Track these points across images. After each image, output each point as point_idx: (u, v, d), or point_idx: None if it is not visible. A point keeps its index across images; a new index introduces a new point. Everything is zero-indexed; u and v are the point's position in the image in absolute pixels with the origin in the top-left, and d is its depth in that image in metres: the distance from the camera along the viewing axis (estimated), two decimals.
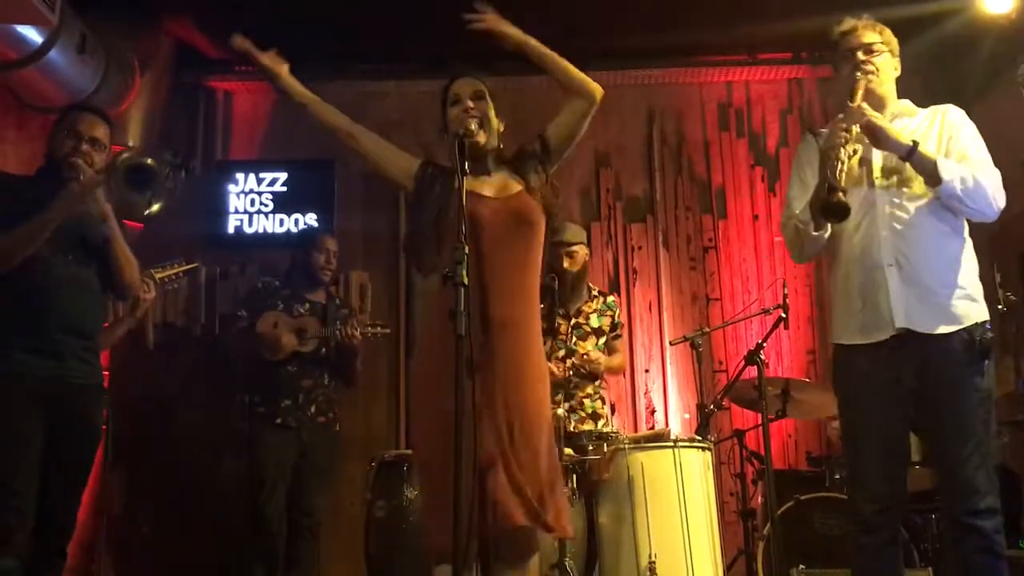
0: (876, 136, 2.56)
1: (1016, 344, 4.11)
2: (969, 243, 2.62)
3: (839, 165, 2.47)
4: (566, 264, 4.15)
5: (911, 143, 2.52)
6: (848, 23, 2.76)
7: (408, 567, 3.64)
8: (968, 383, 2.46)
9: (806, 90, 5.91)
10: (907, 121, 2.69)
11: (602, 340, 4.24)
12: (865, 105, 2.58)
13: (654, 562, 3.49)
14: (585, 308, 4.27)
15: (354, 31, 5.28)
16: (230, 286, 5.48)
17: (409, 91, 5.73)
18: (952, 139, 2.63)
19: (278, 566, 3.94)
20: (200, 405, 5.13)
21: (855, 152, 2.56)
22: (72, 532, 2.92)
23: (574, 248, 4.22)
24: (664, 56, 5.72)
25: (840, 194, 2.43)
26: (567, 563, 3.54)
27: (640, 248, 5.72)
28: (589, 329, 4.22)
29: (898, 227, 2.57)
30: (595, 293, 4.35)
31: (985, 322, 2.52)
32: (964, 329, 2.49)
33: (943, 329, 2.49)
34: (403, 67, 5.75)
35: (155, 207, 2.97)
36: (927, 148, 2.55)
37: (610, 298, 4.42)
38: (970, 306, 2.53)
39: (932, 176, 2.50)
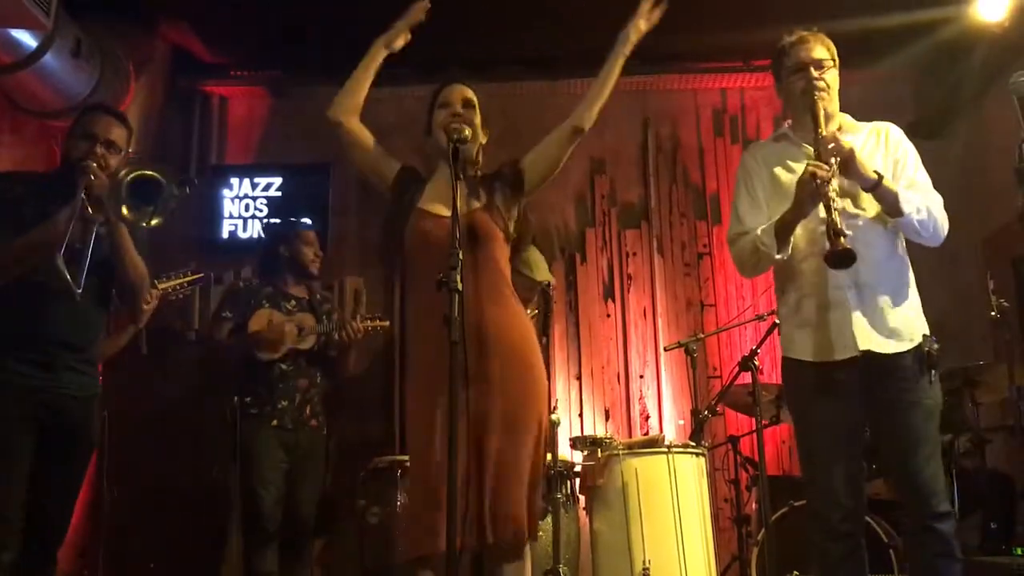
0: (848, 168, 2.56)
1: (1008, 351, 4.12)
2: (907, 259, 2.69)
3: (832, 204, 2.47)
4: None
5: (876, 176, 2.54)
6: (798, 34, 2.77)
7: (402, 574, 3.62)
8: (921, 395, 2.53)
9: None
10: (851, 138, 2.68)
11: None
12: (837, 134, 2.60)
13: (648, 568, 3.50)
14: None
15: (349, 37, 5.27)
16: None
17: (404, 96, 5.73)
18: (899, 163, 2.66)
19: (275, 571, 3.90)
20: (194, 410, 5.11)
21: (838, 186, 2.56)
22: (62, 539, 2.89)
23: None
24: (659, 62, 5.73)
25: (843, 239, 2.45)
26: (561, 569, 3.54)
27: (635, 254, 5.73)
28: None
29: (857, 247, 2.56)
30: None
31: (931, 336, 2.59)
32: (915, 345, 2.56)
33: (897, 348, 2.55)
34: (398, 72, 5.73)
35: (155, 221, 2.90)
36: (885, 176, 2.57)
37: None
38: (918, 321, 2.61)
39: (893, 208, 2.55)
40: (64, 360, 2.85)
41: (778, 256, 2.61)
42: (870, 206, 2.61)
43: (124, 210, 2.85)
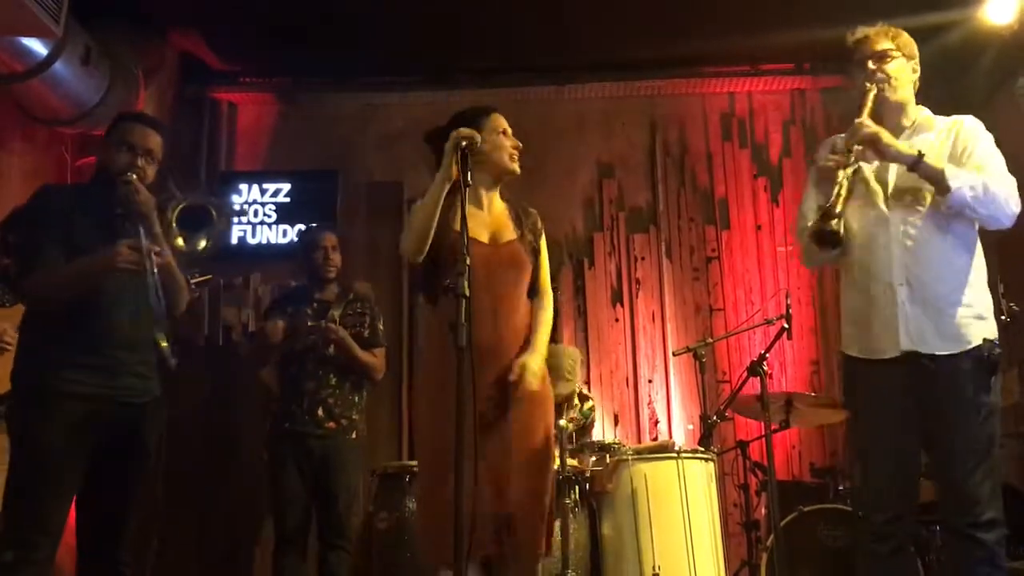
0: (879, 149, 2.55)
1: (1020, 355, 4.10)
2: (980, 257, 2.60)
3: (836, 189, 2.48)
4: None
5: (917, 153, 2.50)
6: (861, 31, 2.73)
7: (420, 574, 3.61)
8: (975, 400, 2.45)
9: (808, 100, 5.92)
10: (925, 136, 2.65)
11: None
12: (867, 120, 2.57)
13: (658, 573, 3.49)
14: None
15: (357, 44, 5.31)
16: (233, 297, 5.49)
17: (412, 103, 5.76)
18: (966, 151, 2.59)
19: None
20: (207, 416, 5.12)
21: (855, 172, 2.56)
22: (120, 542, 2.82)
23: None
24: (667, 67, 5.75)
25: (833, 222, 2.45)
26: (570, 574, 3.54)
27: (643, 259, 5.73)
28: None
29: (909, 244, 2.55)
30: (575, 402, 4.37)
31: (993, 340, 2.51)
32: (973, 348, 2.48)
33: (950, 350, 2.49)
34: (406, 79, 5.78)
35: (203, 244, 2.94)
36: (940, 160, 2.53)
37: (587, 405, 4.45)
38: (978, 324, 2.52)
39: (941, 185, 2.48)
40: (126, 364, 2.81)
41: (820, 255, 2.65)
42: (931, 203, 2.55)
43: (180, 241, 2.89)
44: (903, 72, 2.68)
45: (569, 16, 5.03)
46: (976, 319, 2.52)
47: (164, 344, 2.79)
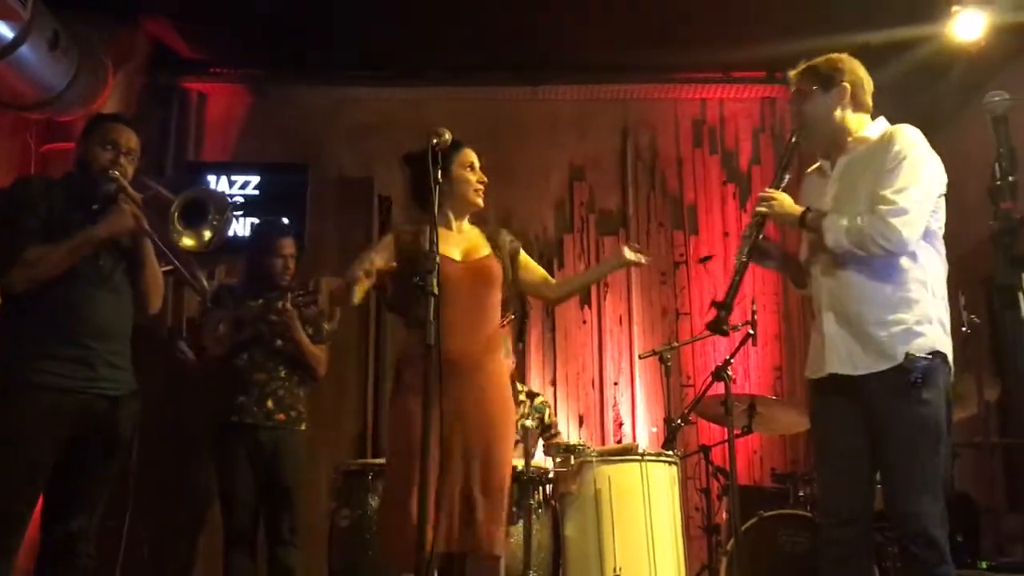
0: (774, 221, 2.75)
1: (978, 367, 4.17)
2: (917, 272, 2.55)
3: (736, 279, 2.69)
4: None
5: (799, 213, 2.64)
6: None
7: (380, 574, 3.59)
8: (906, 413, 2.48)
9: (779, 109, 5.97)
10: (855, 154, 2.69)
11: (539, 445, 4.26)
12: (767, 193, 2.74)
13: (619, 575, 3.50)
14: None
15: (331, 36, 5.27)
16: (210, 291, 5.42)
17: (385, 98, 5.73)
18: (883, 174, 2.55)
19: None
20: (165, 410, 5.05)
21: (749, 258, 2.74)
22: (91, 535, 2.81)
23: None
24: (640, 71, 5.77)
25: (723, 314, 2.69)
26: (531, 575, 3.54)
27: None
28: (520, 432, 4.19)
29: (835, 270, 2.63)
30: (522, 398, 4.37)
31: (926, 353, 2.49)
32: (900, 364, 2.49)
33: (875, 367, 2.52)
34: (379, 74, 5.75)
35: (207, 236, 2.97)
36: (814, 211, 2.64)
37: (538, 399, 4.49)
38: (900, 341, 2.51)
39: (823, 238, 2.58)
40: (102, 355, 2.81)
41: (800, 290, 2.83)
42: None
43: (187, 240, 2.95)
44: (820, 105, 2.71)
45: (544, 17, 5.04)
46: (906, 334, 2.51)
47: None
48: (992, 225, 1.93)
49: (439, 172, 2.54)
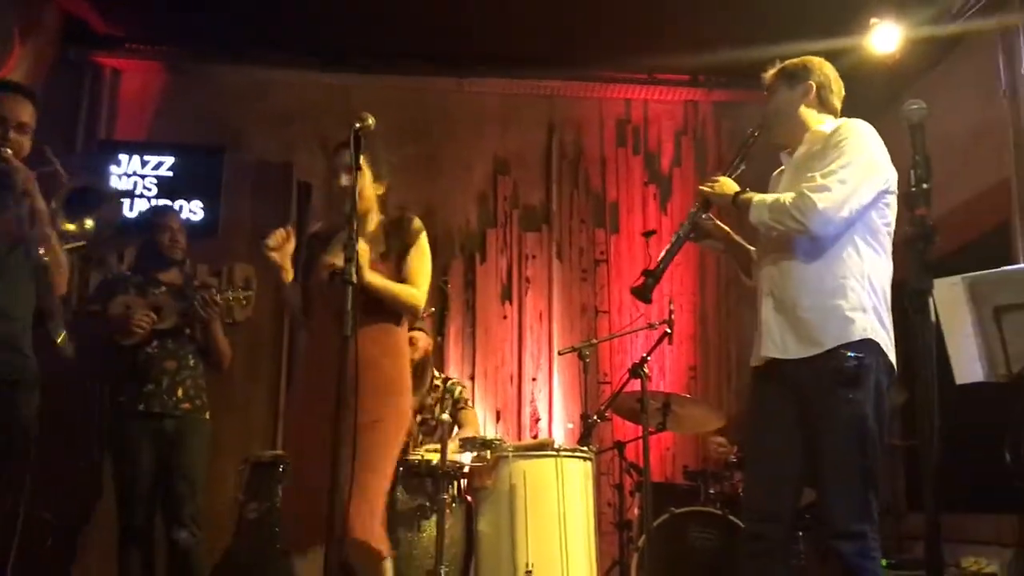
0: (713, 201, 2.80)
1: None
2: (858, 265, 2.55)
3: (670, 251, 2.82)
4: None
5: (732, 194, 2.71)
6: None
7: (280, 571, 3.52)
8: (835, 408, 2.48)
9: (701, 112, 6.06)
10: (809, 147, 2.73)
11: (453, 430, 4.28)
12: (716, 179, 2.79)
13: (531, 570, 3.50)
14: (428, 402, 4.33)
15: (253, 16, 5.14)
16: (105, 271, 5.23)
17: (307, 83, 5.61)
18: (826, 159, 2.58)
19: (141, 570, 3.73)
20: (64, 399, 4.85)
21: (687, 234, 2.84)
22: None
23: (413, 335, 4.08)
24: (567, 68, 5.78)
25: (650, 282, 2.82)
26: (443, 570, 3.50)
27: (534, 257, 5.76)
28: (435, 422, 4.21)
29: (774, 255, 2.66)
30: (436, 383, 4.43)
31: (859, 342, 2.49)
32: (828, 352, 2.49)
33: (807, 352, 2.53)
34: (302, 59, 5.62)
35: (89, 224, 2.86)
36: (745, 193, 2.70)
37: (450, 381, 4.52)
38: (832, 327, 2.51)
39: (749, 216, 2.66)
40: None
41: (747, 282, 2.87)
42: None
43: (67, 226, 2.85)
44: (783, 100, 2.78)
45: (472, 8, 5.00)
46: (832, 320, 2.50)
47: (60, 340, 2.77)
48: (907, 230, 1.97)
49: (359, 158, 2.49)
